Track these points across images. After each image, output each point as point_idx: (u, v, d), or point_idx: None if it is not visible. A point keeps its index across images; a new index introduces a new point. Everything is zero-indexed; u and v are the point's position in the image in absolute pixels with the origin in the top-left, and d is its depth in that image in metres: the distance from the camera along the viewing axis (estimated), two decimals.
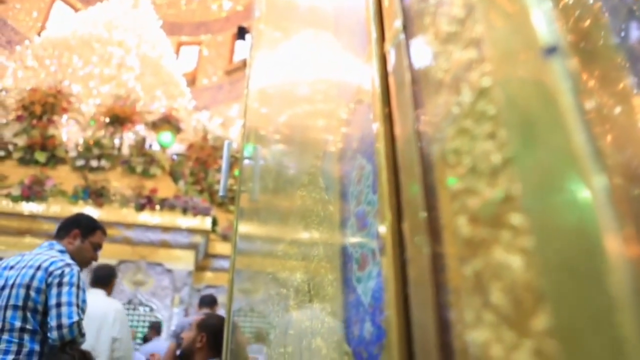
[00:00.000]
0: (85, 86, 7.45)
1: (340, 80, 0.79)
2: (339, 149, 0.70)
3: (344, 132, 0.71)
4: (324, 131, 0.84)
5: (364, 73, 0.60)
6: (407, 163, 0.38)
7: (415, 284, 0.35)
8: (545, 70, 0.24)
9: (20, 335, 1.89)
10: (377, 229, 0.47)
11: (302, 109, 1.05)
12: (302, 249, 0.84)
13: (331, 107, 0.82)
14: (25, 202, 5.19)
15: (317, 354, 0.70)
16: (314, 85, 1.00)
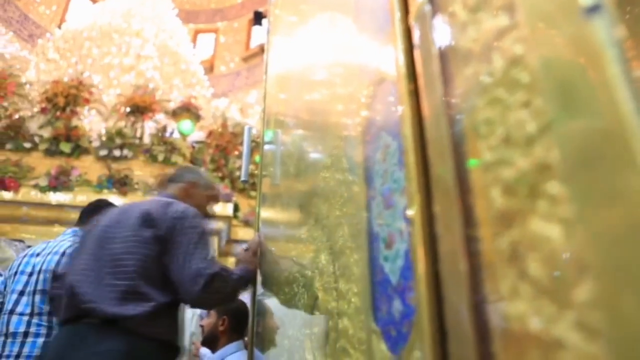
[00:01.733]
0: (105, 77, 7.54)
1: (360, 62, 0.78)
2: (362, 129, 0.70)
3: (366, 113, 0.70)
4: (345, 113, 0.83)
5: (386, 51, 0.59)
6: (436, 137, 0.37)
7: (446, 259, 0.34)
8: (587, 32, 0.23)
9: (49, 319, 1.97)
10: (404, 207, 0.47)
11: (322, 92, 1.04)
12: (326, 230, 0.84)
13: (352, 89, 0.81)
14: (52, 192, 5.32)
15: (344, 335, 0.70)
16: (333, 68, 0.99)
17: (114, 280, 1.35)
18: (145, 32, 8.56)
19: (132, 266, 1.37)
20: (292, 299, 1.05)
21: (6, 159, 5.48)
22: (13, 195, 5.27)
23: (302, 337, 0.94)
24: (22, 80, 6.58)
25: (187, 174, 1.83)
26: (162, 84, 7.66)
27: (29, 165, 5.52)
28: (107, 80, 7.43)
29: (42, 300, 1.99)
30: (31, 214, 5.25)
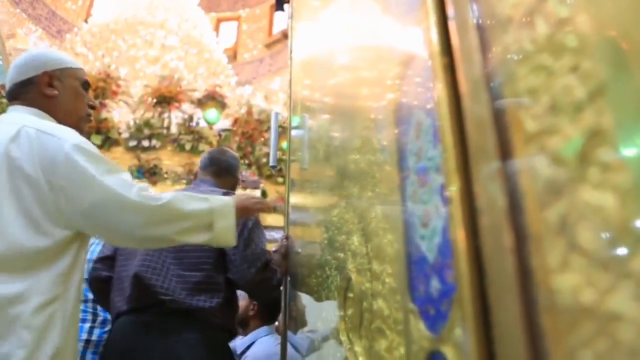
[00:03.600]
0: (131, 69, 7.65)
1: (388, 41, 0.77)
2: (393, 109, 0.69)
3: (396, 92, 0.69)
4: (374, 94, 0.82)
5: (415, 27, 0.58)
6: (476, 110, 0.36)
7: (488, 234, 0.34)
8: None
9: (93, 306, 2.05)
10: (441, 184, 0.46)
11: (350, 75, 1.03)
12: (358, 212, 0.84)
13: (380, 69, 0.79)
14: None
15: (379, 315, 0.70)
16: (359, 50, 0.97)
17: (182, 271, 1.37)
18: (168, 23, 8.63)
19: (202, 257, 1.39)
20: (324, 281, 1.05)
21: None
22: None
23: (336, 319, 0.94)
24: None
25: (236, 170, 1.86)
26: (187, 73, 7.74)
27: None
28: (134, 72, 7.54)
29: (86, 289, 2.07)
30: None
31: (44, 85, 1.16)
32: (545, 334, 0.27)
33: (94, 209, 1.00)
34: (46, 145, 1.00)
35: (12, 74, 1.18)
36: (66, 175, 0.98)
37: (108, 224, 1.02)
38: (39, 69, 1.17)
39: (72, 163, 0.99)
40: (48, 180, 0.97)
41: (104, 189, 1.00)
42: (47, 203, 0.97)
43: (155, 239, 1.09)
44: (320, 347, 1.10)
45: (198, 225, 1.12)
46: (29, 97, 1.15)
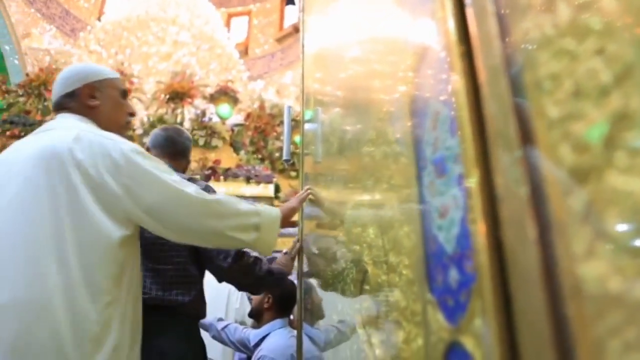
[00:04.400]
0: (144, 65, 7.71)
1: (401, 32, 0.76)
2: (409, 100, 0.68)
3: (411, 83, 0.68)
4: (388, 85, 0.82)
5: (430, 17, 0.57)
6: (495, 98, 0.35)
7: (509, 223, 0.33)
8: None
9: None
10: (459, 173, 0.45)
11: (363, 67, 1.02)
12: (374, 204, 0.83)
13: (394, 60, 0.79)
14: None
15: (395, 307, 0.70)
16: (372, 42, 0.97)
17: (157, 265, 1.39)
18: (180, 19, 8.66)
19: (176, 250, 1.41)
20: (340, 274, 1.05)
21: None
22: None
23: (352, 311, 0.94)
24: None
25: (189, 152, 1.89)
26: (199, 69, 7.77)
27: None
28: (146, 69, 7.59)
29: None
30: None
31: (86, 96, 1.24)
32: (571, 323, 0.26)
33: (157, 205, 1.04)
34: (106, 148, 1.05)
35: (57, 87, 1.27)
36: (130, 174, 1.03)
37: (170, 219, 1.06)
38: (80, 82, 1.25)
39: (134, 163, 1.05)
40: (113, 180, 1.02)
41: (167, 186, 1.06)
42: (110, 202, 1.02)
43: (210, 233, 1.11)
44: (341, 339, 1.10)
45: (247, 223, 1.16)
46: (74, 107, 1.23)
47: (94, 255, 0.98)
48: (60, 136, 1.07)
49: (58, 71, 6.65)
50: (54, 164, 1.01)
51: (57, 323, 0.92)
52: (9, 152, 1.13)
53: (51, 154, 1.03)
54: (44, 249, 0.95)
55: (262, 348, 1.85)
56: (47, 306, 0.92)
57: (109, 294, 0.98)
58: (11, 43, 9.48)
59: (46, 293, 0.92)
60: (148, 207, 1.04)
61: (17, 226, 0.98)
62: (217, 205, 1.11)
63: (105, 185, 1.01)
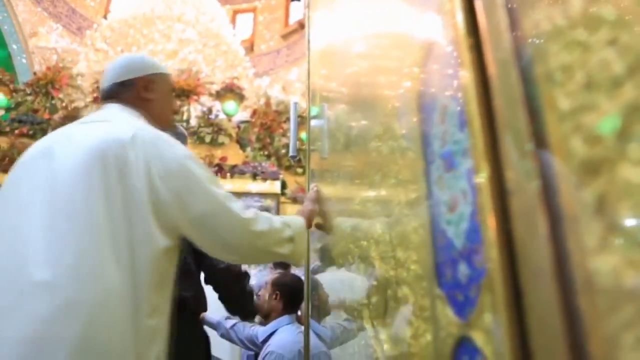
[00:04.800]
0: None
1: (408, 27, 0.76)
2: (416, 94, 0.68)
3: (419, 77, 0.68)
4: (395, 80, 0.81)
5: (438, 9, 0.57)
6: (505, 90, 0.35)
7: (520, 216, 0.33)
8: None
9: None
10: (468, 167, 0.45)
11: (369, 62, 1.01)
12: (381, 199, 0.83)
13: (401, 55, 0.78)
14: None
15: (404, 302, 0.70)
16: (378, 38, 0.96)
17: None
18: (186, 16, 8.67)
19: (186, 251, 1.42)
20: (348, 269, 1.05)
21: None
22: None
23: (360, 307, 0.94)
24: (74, 72, 6.86)
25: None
26: (205, 66, 7.78)
27: None
28: None
29: None
30: None
31: (142, 88, 1.21)
32: (583, 317, 0.26)
33: (203, 217, 1.00)
34: (161, 151, 1.01)
35: (112, 73, 1.22)
36: (181, 182, 0.99)
37: (213, 233, 1.03)
38: (139, 72, 1.22)
39: (187, 171, 1.01)
40: (163, 186, 0.97)
41: (216, 200, 1.02)
42: (159, 209, 0.97)
43: (252, 250, 1.09)
44: (347, 336, 1.10)
45: (283, 237, 1.13)
46: (127, 97, 1.19)
47: (144, 263, 0.93)
48: (116, 132, 1.02)
49: (65, 69, 6.69)
50: (110, 162, 0.96)
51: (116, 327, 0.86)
52: (56, 140, 1.05)
53: (107, 150, 0.97)
54: (100, 247, 0.90)
55: (270, 344, 1.86)
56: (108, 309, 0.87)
57: (151, 304, 0.93)
58: (19, 42, 9.54)
59: (106, 294, 0.87)
60: (194, 218, 1.00)
61: (71, 222, 0.91)
62: (256, 224, 1.06)
63: (156, 191, 0.97)
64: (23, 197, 0.97)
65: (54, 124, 5.96)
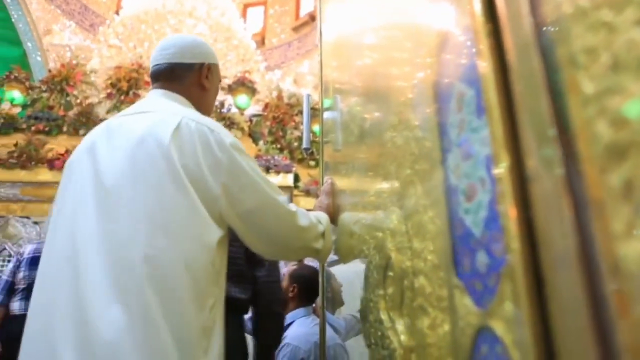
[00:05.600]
0: None
1: (423, 13, 0.75)
2: (431, 83, 0.67)
3: (434, 65, 0.67)
4: (410, 69, 0.80)
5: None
6: (525, 75, 0.34)
7: (542, 203, 0.32)
8: None
9: None
10: (486, 155, 0.45)
11: (383, 52, 1.01)
12: (397, 190, 0.83)
13: (416, 42, 0.77)
14: None
15: (421, 293, 0.69)
16: (391, 26, 0.95)
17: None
18: (197, 11, 8.68)
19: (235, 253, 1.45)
20: (363, 260, 1.05)
21: None
22: None
23: (376, 298, 0.94)
24: (87, 68, 6.93)
25: None
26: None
27: None
28: None
29: None
30: None
31: (203, 76, 1.17)
32: (610, 304, 0.26)
33: (252, 212, 0.99)
34: (208, 140, 0.97)
35: (171, 52, 1.15)
36: (229, 174, 0.96)
37: (262, 227, 1.01)
38: (202, 58, 1.17)
39: (235, 163, 0.97)
40: (212, 178, 0.95)
41: (263, 193, 1.00)
42: (208, 200, 0.94)
43: (296, 244, 1.07)
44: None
45: (318, 232, 1.12)
46: (182, 82, 1.14)
47: (198, 254, 0.91)
48: (161, 122, 0.98)
49: (79, 66, 6.75)
50: (155, 153, 0.93)
51: (156, 327, 0.82)
52: (99, 135, 1.03)
53: (151, 142, 0.94)
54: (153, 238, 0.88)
55: (286, 336, 1.87)
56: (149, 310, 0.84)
57: (212, 296, 0.92)
58: (33, 40, 9.65)
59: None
60: (243, 212, 0.97)
61: (122, 218, 0.90)
62: (300, 218, 1.06)
63: (205, 182, 0.94)
64: (75, 197, 0.96)
65: (69, 120, 6.03)
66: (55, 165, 5.58)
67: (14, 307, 2.95)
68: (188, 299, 0.87)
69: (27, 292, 2.93)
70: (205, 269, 0.91)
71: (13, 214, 5.61)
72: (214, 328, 0.92)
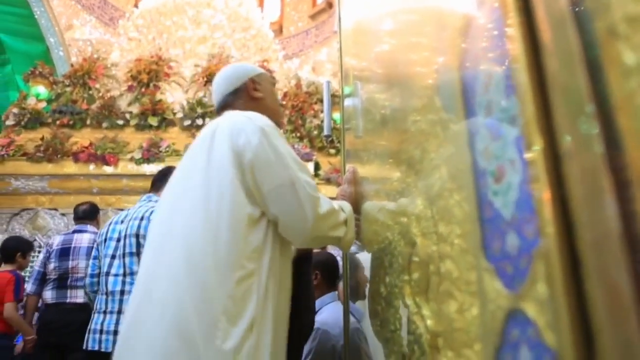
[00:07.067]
0: (181, 49, 7.80)
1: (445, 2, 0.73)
2: (457, 64, 0.65)
3: (460, 45, 0.65)
4: (434, 53, 0.79)
5: None
6: (560, 50, 0.33)
7: (579, 181, 0.31)
8: None
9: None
10: (515, 135, 0.43)
11: (405, 36, 0.99)
12: (421, 174, 0.82)
13: (440, 24, 0.76)
14: (146, 164, 5.72)
15: (447, 277, 0.69)
16: (412, 11, 0.94)
17: None
18: (214, 1, 8.69)
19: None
20: (387, 247, 1.04)
21: (104, 137, 5.94)
22: (113, 169, 5.73)
23: (401, 283, 0.94)
24: (108, 62, 7.01)
25: None
26: (235, 51, 7.80)
27: (124, 140, 5.94)
28: (184, 53, 7.69)
29: (131, 262, 2.22)
30: (130, 185, 5.70)
31: (251, 89, 1.34)
32: None
33: (273, 191, 1.06)
34: (244, 124, 1.10)
35: (220, 87, 1.36)
36: (256, 154, 1.06)
37: (283, 210, 1.07)
38: (244, 78, 1.35)
39: (262, 143, 1.07)
40: (245, 158, 1.06)
41: (286, 175, 1.07)
42: (242, 178, 1.05)
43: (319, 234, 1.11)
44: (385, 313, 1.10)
45: (340, 220, 1.16)
46: (241, 103, 1.31)
47: (224, 226, 1.01)
48: (227, 118, 1.16)
49: (100, 60, 6.84)
50: (207, 141, 1.11)
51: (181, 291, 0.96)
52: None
53: (206, 132, 1.14)
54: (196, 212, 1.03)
55: (316, 321, 1.88)
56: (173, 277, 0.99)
57: (242, 269, 1.00)
58: (55, 36, 9.80)
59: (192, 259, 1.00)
60: (267, 193, 1.05)
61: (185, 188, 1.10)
62: (320, 203, 1.10)
63: (240, 161, 1.05)
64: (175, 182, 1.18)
65: (92, 113, 6.13)
66: (80, 157, 5.70)
67: (46, 295, 3.04)
68: (210, 267, 0.98)
69: (58, 281, 3.02)
70: (233, 242, 1.00)
71: (42, 206, 5.76)
72: (246, 300, 0.98)
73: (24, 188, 5.74)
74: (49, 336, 2.90)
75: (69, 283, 3.01)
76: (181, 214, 1.06)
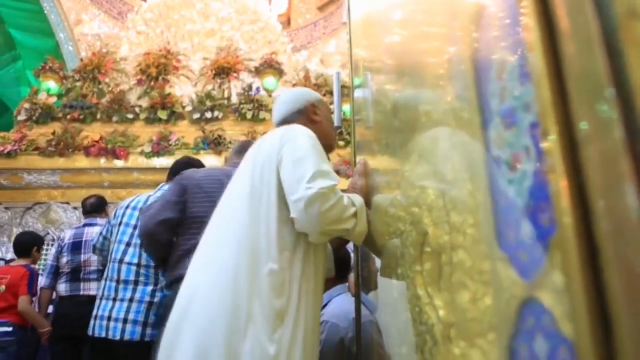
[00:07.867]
0: (190, 43, 7.81)
1: None
2: (469, 53, 0.65)
3: (473, 33, 0.65)
4: (446, 41, 0.78)
5: None
6: (577, 34, 0.33)
7: (598, 167, 0.31)
8: None
9: (155, 272, 2.21)
10: (530, 122, 0.43)
11: (417, 24, 0.98)
12: (433, 164, 0.81)
13: (452, 14, 0.75)
14: (156, 157, 5.75)
15: (459, 267, 0.68)
16: (424, 0, 0.93)
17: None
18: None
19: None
20: (398, 237, 1.04)
21: (114, 131, 5.98)
22: (124, 163, 5.77)
23: (413, 274, 0.93)
24: (117, 56, 7.04)
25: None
26: (243, 43, 7.79)
27: (133, 134, 5.97)
28: (192, 46, 7.69)
29: (147, 257, 2.22)
30: (141, 179, 5.74)
31: (312, 113, 1.47)
32: None
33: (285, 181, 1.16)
34: (285, 131, 1.24)
35: (285, 105, 1.49)
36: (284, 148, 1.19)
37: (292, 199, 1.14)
38: (308, 101, 1.48)
39: (290, 138, 1.20)
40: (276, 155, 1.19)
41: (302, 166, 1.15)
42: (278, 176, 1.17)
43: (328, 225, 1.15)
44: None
45: (351, 213, 1.20)
46: (301, 121, 1.41)
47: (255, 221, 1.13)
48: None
49: (109, 54, 6.86)
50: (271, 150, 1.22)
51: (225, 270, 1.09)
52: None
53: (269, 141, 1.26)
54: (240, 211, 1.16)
55: (324, 313, 1.88)
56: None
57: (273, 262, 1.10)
58: (65, 31, 9.85)
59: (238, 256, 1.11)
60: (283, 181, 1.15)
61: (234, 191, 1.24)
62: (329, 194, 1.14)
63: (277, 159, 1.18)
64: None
65: (102, 107, 6.16)
66: (91, 152, 5.74)
67: (60, 288, 3.08)
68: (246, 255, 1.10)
69: (71, 274, 3.06)
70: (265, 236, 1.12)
71: (54, 200, 5.82)
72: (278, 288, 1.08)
73: (37, 182, 5.80)
74: (63, 328, 2.95)
75: (82, 276, 3.04)
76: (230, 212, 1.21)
